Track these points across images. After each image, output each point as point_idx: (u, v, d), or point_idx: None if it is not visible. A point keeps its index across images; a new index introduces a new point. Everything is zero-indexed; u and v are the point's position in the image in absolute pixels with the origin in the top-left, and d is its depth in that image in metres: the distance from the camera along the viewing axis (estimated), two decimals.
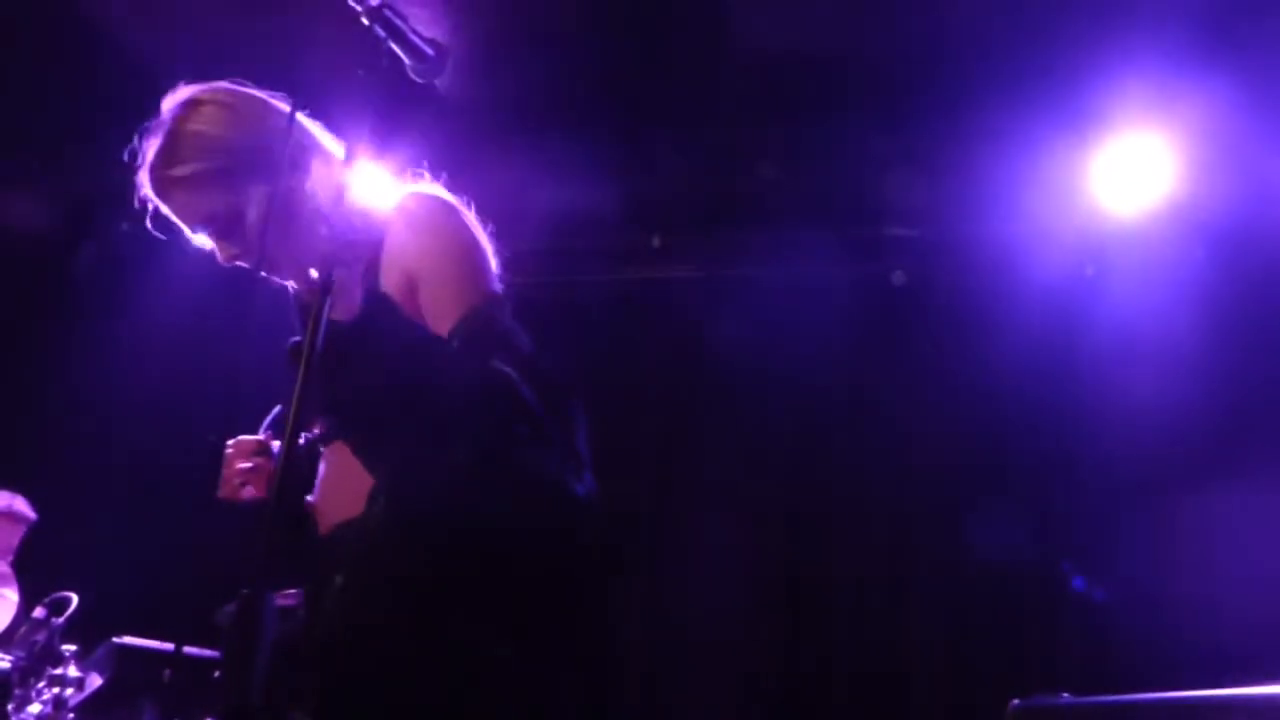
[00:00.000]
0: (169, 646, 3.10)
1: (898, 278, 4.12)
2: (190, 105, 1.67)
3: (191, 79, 1.75)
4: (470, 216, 1.70)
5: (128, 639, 3.27)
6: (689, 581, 3.90)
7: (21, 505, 3.53)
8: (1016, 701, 2.66)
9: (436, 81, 1.56)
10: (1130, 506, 3.65)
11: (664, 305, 4.27)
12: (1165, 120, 3.55)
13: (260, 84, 1.77)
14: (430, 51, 1.49)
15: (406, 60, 1.49)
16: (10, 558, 3.35)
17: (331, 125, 1.79)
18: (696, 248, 4.26)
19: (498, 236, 1.73)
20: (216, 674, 1.42)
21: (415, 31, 1.48)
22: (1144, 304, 3.70)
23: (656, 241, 4.22)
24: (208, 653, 3.17)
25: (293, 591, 3.78)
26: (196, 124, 1.65)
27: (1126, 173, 3.71)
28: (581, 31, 3.59)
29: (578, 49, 3.65)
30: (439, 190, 1.71)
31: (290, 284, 1.78)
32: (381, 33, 1.44)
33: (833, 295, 3.99)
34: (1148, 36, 3.13)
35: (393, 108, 1.51)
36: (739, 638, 3.89)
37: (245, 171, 1.63)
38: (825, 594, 3.92)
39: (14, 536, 3.48)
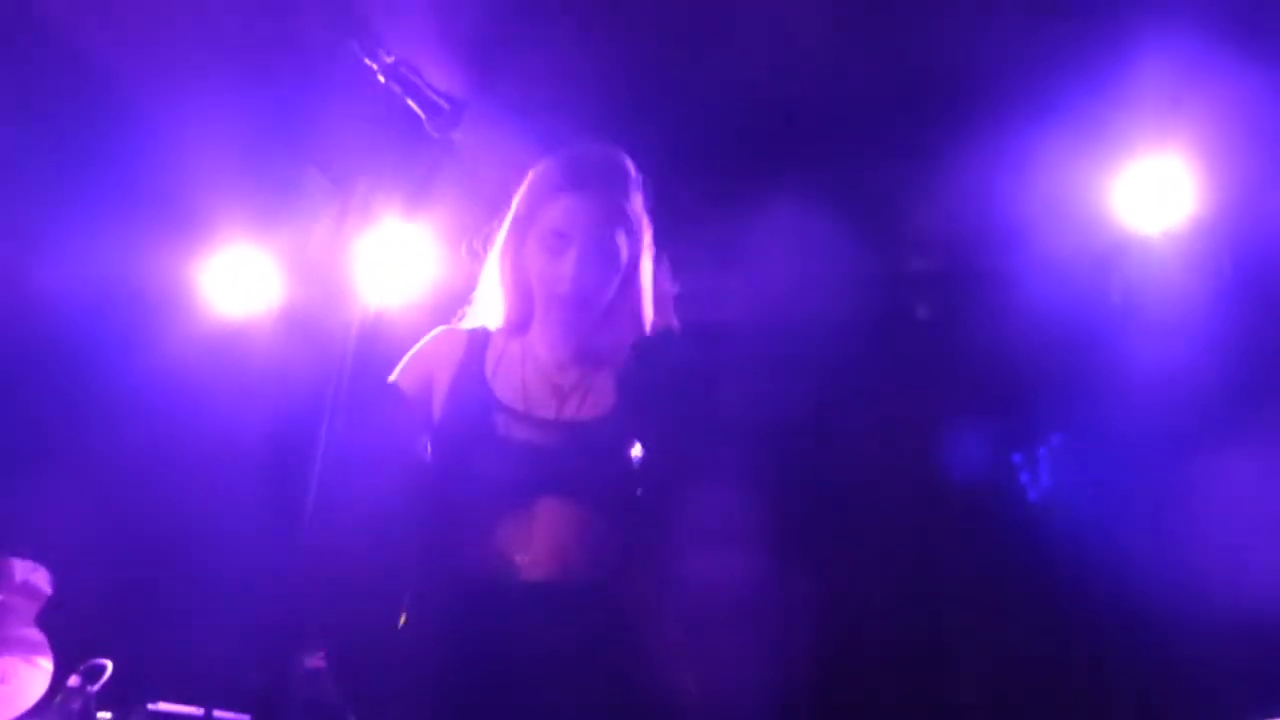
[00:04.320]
0: (200, 712, 3.09)
1: (921, 312, 4.09)
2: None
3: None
4: None
5: (163, 705, 3.26)
6: None
7: (40, 579, 3.34)
8: None
9: (453, 135, 1.57)
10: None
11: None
12: (1183, 140, 3.53)
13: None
14: (446, 106, 1.50)
15: (423, 116, 1.50)
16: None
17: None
18: (713, 290, 4.24)
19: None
20: None
21: (430, 86, 1.49)
22: (1169, 325, 3.66)
23: (676, 288, 4.19)
24: (241, 718, 3.14)
25: (322, 654, 3.74)
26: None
27: (1148, 194, 3.69)
28: (580, 79, 3.59)
29: (575, 103, 3.65)
30: None
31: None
32: (398, 89, 1.45)
33: (852, 330, 3.96)
34: (1161, 55, 3.12)
35: (414, 164, 1.51)
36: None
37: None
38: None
39: (29, 613, 3.29)
